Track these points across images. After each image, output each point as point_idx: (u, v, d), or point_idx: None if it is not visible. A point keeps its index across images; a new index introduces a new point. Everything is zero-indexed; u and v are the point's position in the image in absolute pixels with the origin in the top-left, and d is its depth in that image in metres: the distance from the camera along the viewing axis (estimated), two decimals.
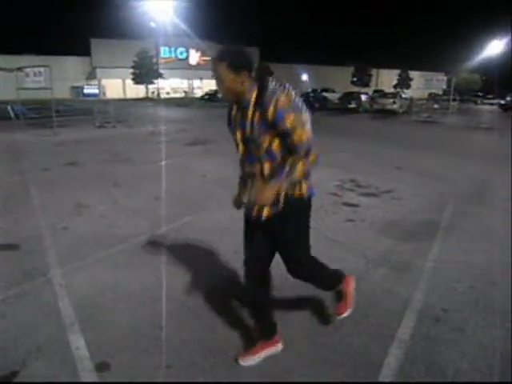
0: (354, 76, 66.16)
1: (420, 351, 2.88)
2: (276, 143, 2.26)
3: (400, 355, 2.83)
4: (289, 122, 2.14)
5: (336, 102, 34.18)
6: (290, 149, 2.22)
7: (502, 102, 47.17)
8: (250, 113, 2.23)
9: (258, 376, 2.62)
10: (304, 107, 2.26)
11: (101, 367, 2.67)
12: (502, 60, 51.01)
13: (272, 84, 2.22)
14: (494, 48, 46.61)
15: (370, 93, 42.29)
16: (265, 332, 2.76)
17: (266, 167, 2.32)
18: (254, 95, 2.23)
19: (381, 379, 2.61)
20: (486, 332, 3.11)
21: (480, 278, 4.01)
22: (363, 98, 33.11)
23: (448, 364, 2.75)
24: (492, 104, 54.94)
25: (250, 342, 2.83)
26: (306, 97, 35.29)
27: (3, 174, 8.37)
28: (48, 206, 6.18)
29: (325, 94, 40.04)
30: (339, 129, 18.78)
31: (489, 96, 61.55)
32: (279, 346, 2.78)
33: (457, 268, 4.21)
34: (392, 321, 3.23)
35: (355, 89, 54.31)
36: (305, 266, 2.65)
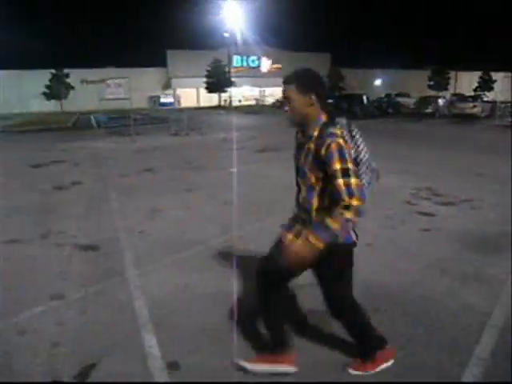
0: (430, 79, 63.47)
1: (500, 369, 2.69)
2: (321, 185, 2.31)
3: (478, 373, 2.65)
4: (334, 166, 2.15)
5: (411, 106, 33.05)
6: (334, 196, 2.18)
7: None
8: (309, 146, 2.33)
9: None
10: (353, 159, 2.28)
11: (172, 366, 2.74)
12: None
13: (335, 127, 2.27)
14: None
15: (448, 96, 40.49)
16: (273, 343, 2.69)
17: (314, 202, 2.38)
18: (317, 130, 2.31)
19: None
20: None
21: None
22: (440, 102, 31.73)
23: None
24: None
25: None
26: (378, 102, 34.52)
27: (86, 178, 8.91)
28: (125, 210, 6.49)
29: (399, 98, 38.84)
30: (414, 135, 18.11)
31: None
32: (289, 367, 2.63)
33: None
34: (470, 336, 3.04)
35: (432, 93, 52.23)
36: (343, 311, 2.61)
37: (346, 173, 2.12)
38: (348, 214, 2.07)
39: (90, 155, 12.72)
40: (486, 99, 32.70)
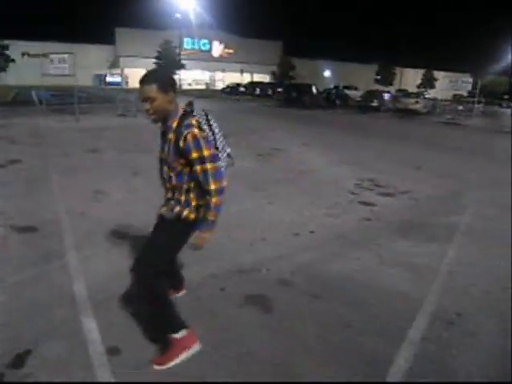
0: (377, 74, 65.23)
1: (431, 354, 2.86)
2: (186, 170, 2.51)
3: (410, 356, 2.81)
4: (194, 155, 2.39)
5: (358, 99, 33.87)
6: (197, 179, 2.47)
7: None
8: (169, 136, 2.52)
9: (267, 370, 2.63)
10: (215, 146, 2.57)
11: (111, 351, 2.71)
12: None
13: (192, 118, 2.48)
14: None
15: (393, 92, 41.81)
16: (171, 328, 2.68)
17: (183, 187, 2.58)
18: (176, 122, 2.49)
19: (388, 378, 2.60)
20: (499, 338, 3.07)
21: (496, 283, 3.96)
22: (386, 96, 32.70)
23: (459, 368, 2.73)
24: None
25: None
26: (327, 93, 35.14)
27: (26, 157, 8.51)
28: (67, 191, 6.27)
29: (347, 91, 39.75)
30: (360, 127, 18.63)
31: None
32: (196, 346, 2.69)
33: (472, 272, 4.16)
34: (403, 322, 3.21)
35: (378, 87, 53.74)
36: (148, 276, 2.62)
37: (201, 160, 2.39)
38: (213, 200, 2.41)
39: (30, 133, 12.13)
40: (427, 96, 34.14)
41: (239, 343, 2.85)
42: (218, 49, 61.74)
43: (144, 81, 2.43)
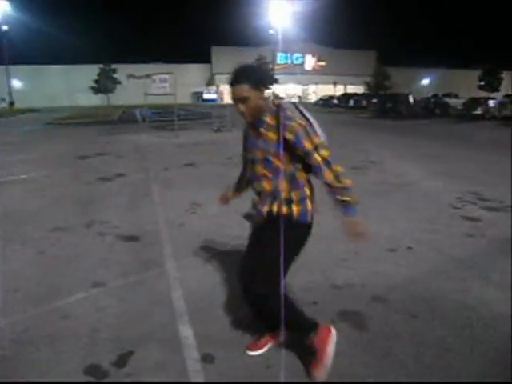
0: (481, 80, 61.17)
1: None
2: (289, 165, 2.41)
3: None
4: (307, 145, 2.32)
5: (459, 107, 32.04)
6: (315, 171, 2.39)
7: None
8: (268, 134, 2.39)
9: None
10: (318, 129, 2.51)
11: (206, 358, 2.78)
12: None
13: (288, 110, 2.39)
14: None
15: (500, 98, 39.02)
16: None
17: (282, 186, 2.42)
18: (272, 117, 2.38)
19: None
20: None
21: None
22: (491, 103, 30.59)
23: None
24: None
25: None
26: (425, 102, 33.67)
27: (129, 170, 9.14)
28: (166, 203, 6.62)
29: (446, 99, 37.75)
30: (461, 137, 17.53)
31: None
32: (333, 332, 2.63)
33: None
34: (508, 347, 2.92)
35: (482, 94, 50.44)
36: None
37: (316, 148, 2.32)
38: (347, 181, 2.36)
39: (133, 148, 13.03)
40: None
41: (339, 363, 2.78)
42: (310, 62, 62.15)
43: (234, 81, 2.34)
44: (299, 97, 55.24)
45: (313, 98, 53.98)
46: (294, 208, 2.43)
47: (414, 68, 62.35)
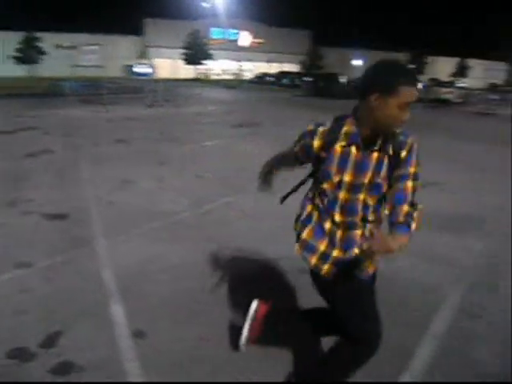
0: (409, 63, 63.72)
1: (452, 346, 2.84)
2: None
3: (432, 348, 2.79)
4: (412, 170, 1.92)
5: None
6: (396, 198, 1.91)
7: None
8: (380, 155, 1.90)
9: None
10: None
11: (137, 334, 2.78)
12: None
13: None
14: None
15: (425, 81, 40.89)
16: None
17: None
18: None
19: (411, 369, 2.59)
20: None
21: None
22: (418, 86, 31.96)
23: (480, 360, 2.71)
24: None
25: None
26: (357, 83, 34.59)
27: (56, 146, 8.72)
28: (96, 179, 6.41)
29: None
30: None
31: None
32: None
33: (499, 265, 4.07)
34: (429, 313, 3.17)
35: None
36: None
37: (416, 176, 1.93)
38: (419, 213, 1.88)
39: (61, 123, 12.42)
40: (461, 85, 33.18)
41: None
42: (245, 38, 61.52)
43: (416, 79, 1.88)
44: (234, 74, 54.73)
45: (248, 76, 53.72)
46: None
47: (348, 49, 63.57)
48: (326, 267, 2.02)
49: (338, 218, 1.96)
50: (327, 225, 2.00)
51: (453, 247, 4.43)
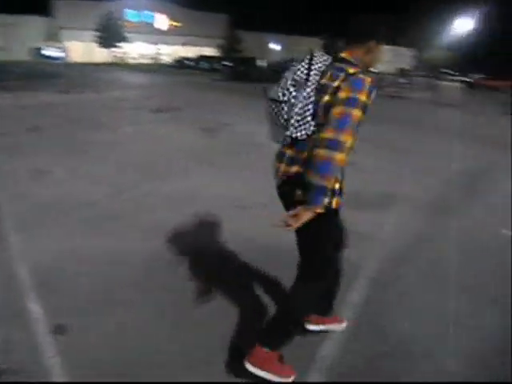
0: (325, 47, 65.58)
1: (367, 313, 3.04)
2: None
3: (348, 317, 2.95)
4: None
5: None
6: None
7: (468, 79, 48.53)
8: None
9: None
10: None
11: (57, 330, 2.68)
12: (468, 38, 51.70)
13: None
14: (461, 25, 47.15)
15: None
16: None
17: None
18: None
19: (328, 339, 2.73)
20: (430, 297, 3.29)
21: (433, 249, 4.20)
22: None
23: (393, 325, 2.92)
24: (458, 81, 56.13)
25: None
26: (276, 66, 35.09)
27: None
28: (6, 171, 6.00)
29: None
30: None
31: (456, 73, 62.73)
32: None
33: (410, 239, 4.38)
34: (344, 285, 3.35)
35: None
36: None
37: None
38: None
39: None
40: (372, 70, 34.56)
41: (192, 314, 2.89)
42: (162, 21, 59.84)
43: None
44: (152, 58, 53.25)
45: (166, 60, 52.52)
46: None
47: (265, 33, 64.02)
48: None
49: None
50: None
51: (370, 223, 4.70)
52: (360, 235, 4.26)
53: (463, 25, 46.66)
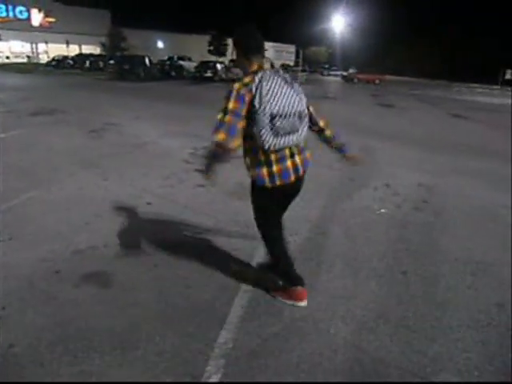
0: (210, 45, 65.91)
1: (262, 297, 3.23)
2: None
3: (244, 303, 3.14)
4: None
5: (192, 70, 34.04)
6: None
7: (345, 73, 52.25)
8: None
9: (105, 339, 2.70)
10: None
11: None
12: (344, 35, 55.29)
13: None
14: (337, 23, 50.27)
15: (226, 62, 42.84)
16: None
17: None
18: None
19: (225, 326, 2.87)
20: (316, 275, 3.59)
21: (313, 229, 4.54)
22: (219, 67, 33.46)
23: (285, 306, 3.14)
24: (336, 75, 60.00)
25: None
26: (162, 65, 34.63)
27: None
28: None
29: (181, 62, 39.62)
30: (195, 97, 18.89)
31: (334, 68, 66.86)
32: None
33: (295, 222, 4.68)
34: (238, 276, 3.52)
35: (212, 58, 54.48)
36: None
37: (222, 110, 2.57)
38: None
39: None
40: None
41: (78, 320, 2.86)
42: (37, 17, 55.79)
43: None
44: (28, 57, 49.58)
45: (44, 59, 49.21)
46: None
47: (150, 31, 62.65)
48: None
49: None
50: None
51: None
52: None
53: (339, 22, 49.77)
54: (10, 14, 53.02)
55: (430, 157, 8.68)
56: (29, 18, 55.04)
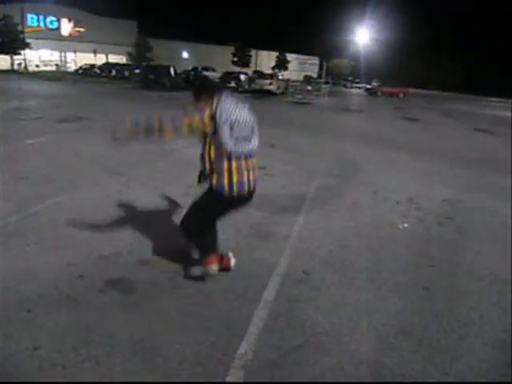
0: (234, 56, 66.65)
1: (283, 309, 3.22)
2: None
3: (265, 314, 3.13)
4: None
5: (216, 80, 34.36)
6: None
7: (369, 86, 52.10)
8: None
9: (127, 347, 2.73)
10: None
11: None
12: (368, 47, 55.19)
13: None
14: (361, 36, 50.25)
15: (250, 73, 43.17)
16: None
17: None
18: None
19: (247, 337, 2.87)
20: (339, 289, 3.56)
21: (336, 242, 4.52)
22: (242, 77, 33.73)
23: (306, 319, 3.12)
24: (359, 88, 59.82)
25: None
26: (186, 75, 35.06)
27: None
28: None
29: (205, 72, 40.10)
30: None
31: (357, 80, 66.76)
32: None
33: (318, 235, 4.67)
34: (258, 285, 3.53)
35: (235, 69, 54.98)
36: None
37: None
38: None
39: None
40: (280, 77, 35.96)
41: (101, 325, 2.90)
42: (67, 27, 57.23)
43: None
44: (57, 65, 50.72)
45: (72, 67, 50.30)
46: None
47: (175, 41, 63.59)
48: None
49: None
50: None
51: (280, 224, 4.93)
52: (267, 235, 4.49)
53: (363, 35, 49.73)
54: (41, 23, 54.51)
55: (455, 172, 8.58)
56: (59, 28, 56.47)
